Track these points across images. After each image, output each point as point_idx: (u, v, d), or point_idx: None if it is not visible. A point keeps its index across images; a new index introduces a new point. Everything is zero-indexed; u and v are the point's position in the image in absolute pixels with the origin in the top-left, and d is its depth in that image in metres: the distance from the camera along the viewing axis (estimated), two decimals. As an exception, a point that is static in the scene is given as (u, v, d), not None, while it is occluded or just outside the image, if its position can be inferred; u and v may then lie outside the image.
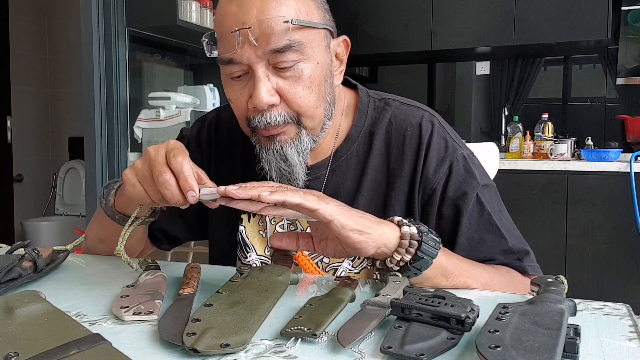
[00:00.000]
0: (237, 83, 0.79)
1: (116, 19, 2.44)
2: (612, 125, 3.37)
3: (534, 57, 3.57)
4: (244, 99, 0.79)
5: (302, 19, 0.76)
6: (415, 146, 0.87)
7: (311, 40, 0.77)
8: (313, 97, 0.79)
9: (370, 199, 0.87)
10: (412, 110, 0.90)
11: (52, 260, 0.80)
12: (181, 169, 0.67)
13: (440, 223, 0.87)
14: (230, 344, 0.50)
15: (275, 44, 0.74)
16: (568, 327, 0.50)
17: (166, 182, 0.67)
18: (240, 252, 0.93)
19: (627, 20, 3.21)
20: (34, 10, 4.30)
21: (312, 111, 0.79)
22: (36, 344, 0.47)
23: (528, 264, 0.86)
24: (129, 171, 0.71)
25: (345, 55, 0.87)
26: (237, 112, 0.82)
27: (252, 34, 0.73)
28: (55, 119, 4.44)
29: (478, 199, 0.86)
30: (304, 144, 0.81)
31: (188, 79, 3.19)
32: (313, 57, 0.78)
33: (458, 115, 3.77)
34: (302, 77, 0.77)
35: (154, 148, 0.70)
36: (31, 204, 4.29)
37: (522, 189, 3.00)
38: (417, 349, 0.49)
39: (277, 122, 0.78)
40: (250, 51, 0.74)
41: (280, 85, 0.77)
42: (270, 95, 0.76)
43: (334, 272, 0.88)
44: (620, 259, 2.83)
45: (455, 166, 0.86)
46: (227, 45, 0.76)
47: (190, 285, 0.67)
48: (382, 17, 3.53)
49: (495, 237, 0.86)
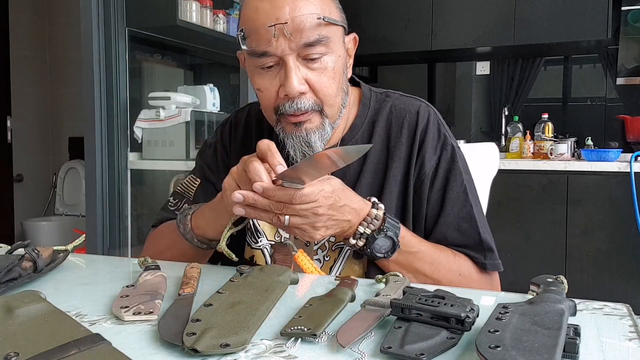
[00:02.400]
0: (267, 73, 0.86)
1: (116, 19, 2.44)
2: (612, 125, 3.37)
3: (534, 57, 3.57)
4: (274, 88, 0.87)
5: (327, 16, 0.84)
6: (412, 131, 0.96)
7: (334, 35, 0.86)
8: (335, 87, 0.88)
9: (372, 181, 0.95)
10: (410, 101, 1.00)
11: (52, 260, 0.80)
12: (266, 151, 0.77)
13: (426, 206, 0.94)
14: (230, 344, 0.50)
15: (307, 38, 0.82)
16: (568, 327, 0.50)
17: (256, 168, 0.75)
18: (250, 238, 0.98)
19: (627, 20, 3.21)
20: (34, 10, 4.30)
21: (333, 99, 0.89)
22: (36, 344, 0.47)
23: (489, 262, 0.94)
24: (227, 179, 0.80)
25: (353, 51, 0.96)
26: (266, 101, 0.89)
27: (286, 28, 0.81)
28: (55, 119, 4.44)
29: (464, 190, 0.94)
30: (326, 132, 0.89)
31: (188, 79, 3.18)
32: (336, 50, 0.87)
33: (458, 115, 3.77)
34: (327, 68, 0.86)
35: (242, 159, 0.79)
36: (31, 204, 4.29)
37: (522, 189, 3.00)
38: (417, 349, 0.49)
39: (306, 107, 0.86)
40: (284, 44, 0.82)
41: (308, 76, 0.85)
42: (301, 84, 0.84)
43: (339, 251, 0.93)
44: (620, 259, 2.83)
45: (444, 155, 0.95)
46: (261, 39, 0.83)
47: (190, 285, 0.67)
48: (382, 17, 3.53)
49: (471, 228, 0.93)
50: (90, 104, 2.41)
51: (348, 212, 0.81)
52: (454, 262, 0.90)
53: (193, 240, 0.90)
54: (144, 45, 2.79)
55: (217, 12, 2.74)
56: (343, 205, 0.80)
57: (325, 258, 0.93)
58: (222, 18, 2.76)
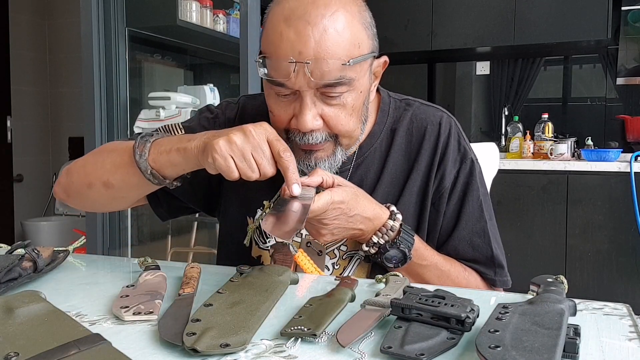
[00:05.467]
0: (282, 100, 0.82)
1: (116, 19, 2.44)
2: (612, 125, 3.37)
3: (534, 57, 3.57)
4: (287, 116, 0.83)
5: (355, 54, 0.78)
6: (433, 142, 0.93)
7: (359, 72, 0.81)
8: (353, 122, 0.84)
9: (389, 190, 0.93)
10: (432, 110, 0.97)
11: (52, 260, 0.80)
12: (288, 166, 0.73)
13: (442, 219, 0.93)
14: (230, 344, 0.50)
15: (328, 79, 0.77)
16: (568, 327, 0.50)
17: (265, 168, 0.73)
18: (259, 237, 0.96)
19: (627, 20, 3.21)
20: (34, 10, 4.30)
21: (350, 133, 0.85)
22: (36, 344, 0.47)
23: (499, 278, 0.94)
24: (224, 144, 0.73)
25: (382, 72, 0.90)
26: (277, 124, 0.84)
27: (308, 67, 0.76)
28: (55, 119, 4.44)
29: (480, 205, 0.93)
30: (337, 160, 0.86)
31: (188, 79, 3.18)
32: (358, 87, 0.82)
33: (458, 115, 3.76)
34: (346, 105, 0.82)
35: (255, 130, 0.74)
36: (31, 204, 4.29)
37: (522, 189, 3.00)
38: (417, 349, 0.49)
39: (318, 141, 0.82)
40: (302, 80, 0.77)
41: (325, 112, 0.81)
42: (315, 120, 0.80)
43: (349, 259, 0.92)
44: (620, 259, 2.83)
45: (463, 169, 0.93)
46: (281, 71, 0.78)
47: (190, 285, 0.67)
48: (382, 17, 3.52)
49: (483, 243, 0.93)
50: (90, 104, 2.41)
51: (360, 222, 0.81)
52: (463, 277, 0.91)
53: (146, 172, 0.82)
54: (144, 45, 2.78)
55: (217, 12, 2.74)
56: (354, 215, 0.80)
57: (335, 266, 0.92)
58: (222, 18, 2.75)
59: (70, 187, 0.95)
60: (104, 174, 0.89)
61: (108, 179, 0.88)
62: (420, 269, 0.87)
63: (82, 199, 0.95)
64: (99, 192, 0.90)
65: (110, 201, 0.95)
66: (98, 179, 0.89)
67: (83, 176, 0.92)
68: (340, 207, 0.77)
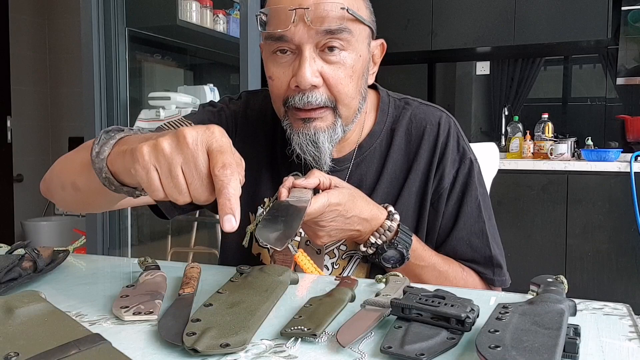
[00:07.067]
0: (281, 61, 0.82)
1: (116, 19, 2.44)
2: (612, 125, 3.37)
3: (534, 57, 3.57)
4: (286, 78, 0.82)
5: (353, 6, 0.81)
6: (432, 142, 0.93)
7: (357, 32, 0.82)
8: (352, 87, 0.83)
9: (389, 190, 0.93)
10: (431, 110, 0.97)
11: (52, 260, 0.80)
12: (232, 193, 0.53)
13: (441, 219, 0.93)
14: (230, 344, 0.50)
15: (328, 25, 0.78)
16: (568, 327, 0.50)
17: (196, 190, 0.55)
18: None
19: (627, 20, 3.21)
20: (34, 10, 4.30)
21: (349, 100, 0.84)
22: (36, 344, 0.47)
23: (497, 278, 0.94)
24: (149, 150, 0.55)
25: (379, 58, 0.93)
26: (276, 90, 0.84)
27: (308, 14, 0.77)
28: (55, 119, 4.44)
29: (478, 205, 0.93)
30: (337, 134, 0.85)
31: (188, 79, 3.18)
32: (356, 49, 0.83)
33: (458, 115, 3.77)
34: (345, 64, 0.82)
35: (192, 136, 0.55)
36: (31, 204, 4.29)
37: (522, 189, 3.00)
38: (417, 349, 0.49)
39: (317, 102, 0.81)
40: (303, 30, 0.78)
41: (324, 69, 0.81)
42: (314, 76, 0.80)
43: (349, 259, 0.92)
44: (620, 259, 2.83)
45: (462, 170, 0.93)
46: (280, 22, 0.79)
47: (190, 285, 0.67)
48: (382, 17, 3.52)
49: (482, 243, 0.93)
50: (90, 104, 2.41)
51: (357, 223, 0.81)
52: (461, 277, 0.91)
53: (100, 173, 0.64)
54: (144, 45, 2.78)
55: (217, 12, 2.74)
56: (351, 216, 0.80)
57: (335, 266, 0.92)
58: (222, 18, 2.75)
59: (50, 186, 0.86)
60: (72, 174, 0.76)
61: (75, 180, 0.76)
62: (418, 269, 0.87)
63: (59, 200, 0.86)
64: (70, 194, 0.79)
65: (84, 206, 0.88)
66: (68, 179, 0.78)
67: (56, 176, 0.82)
68: (337, 209, 0.77)
